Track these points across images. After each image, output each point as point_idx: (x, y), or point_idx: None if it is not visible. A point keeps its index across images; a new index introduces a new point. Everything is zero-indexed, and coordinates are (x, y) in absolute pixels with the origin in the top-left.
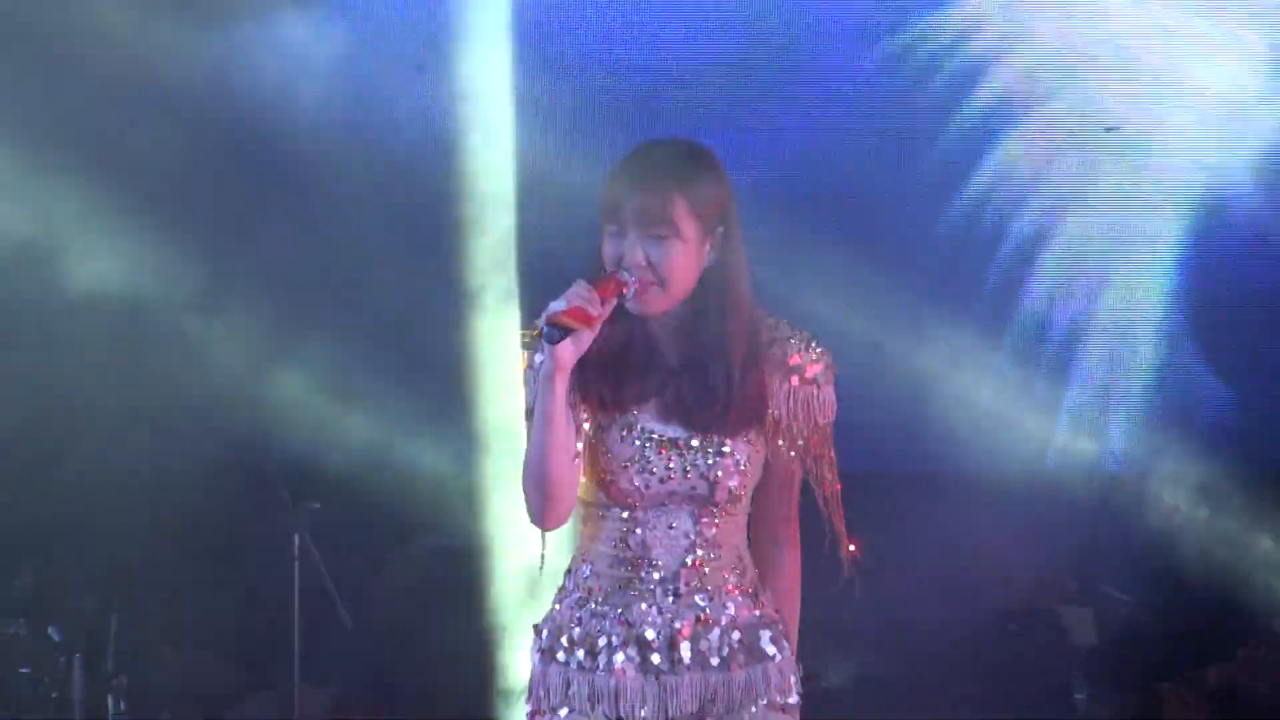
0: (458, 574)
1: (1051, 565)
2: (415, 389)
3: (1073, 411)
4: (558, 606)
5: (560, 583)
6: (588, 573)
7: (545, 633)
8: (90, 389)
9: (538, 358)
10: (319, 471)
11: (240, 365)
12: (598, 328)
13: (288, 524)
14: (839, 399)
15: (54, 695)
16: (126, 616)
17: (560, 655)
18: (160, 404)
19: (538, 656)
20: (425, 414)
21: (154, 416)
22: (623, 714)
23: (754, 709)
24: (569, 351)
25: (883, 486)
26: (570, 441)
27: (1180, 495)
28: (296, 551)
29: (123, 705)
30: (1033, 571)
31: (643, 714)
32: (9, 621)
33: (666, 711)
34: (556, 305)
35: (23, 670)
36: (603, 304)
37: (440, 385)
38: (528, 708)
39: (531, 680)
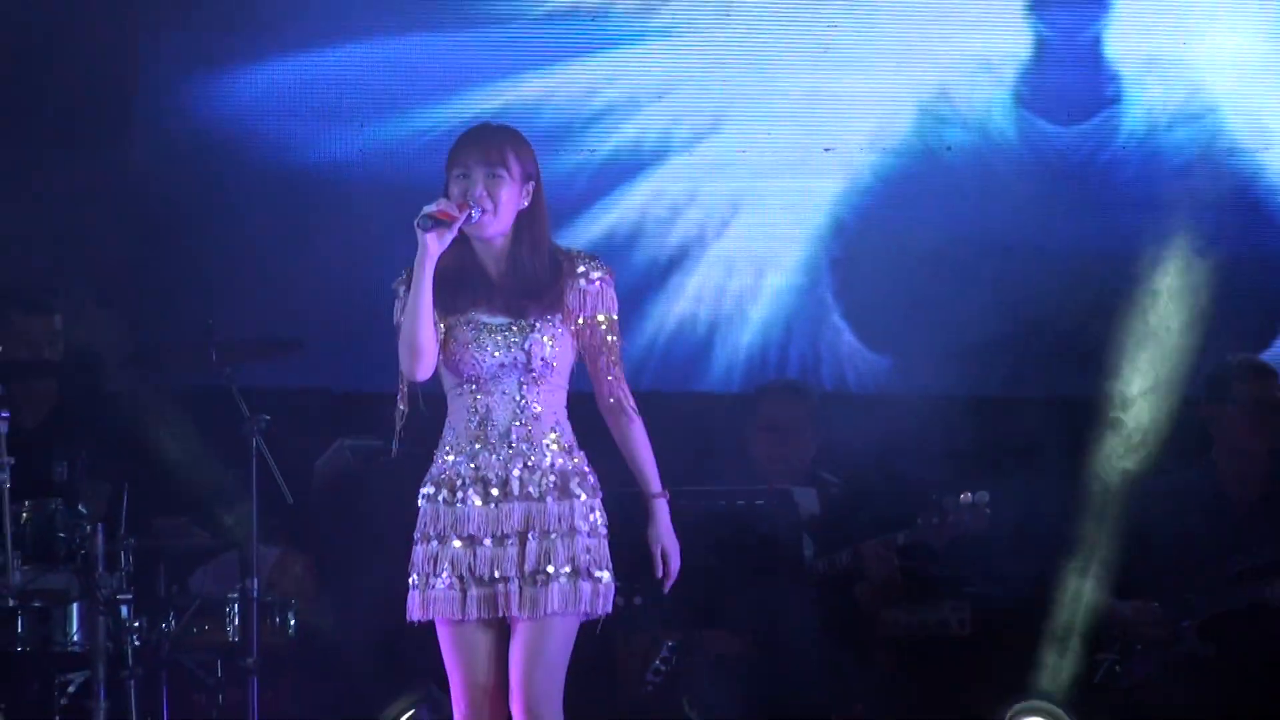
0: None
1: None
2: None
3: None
4: (435, 462)
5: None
6: (450, 436)
7: (426, 482)
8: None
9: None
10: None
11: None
12: (455, 229)
13: (247, 429)
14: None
15: (82, 552)
16: (133, 494)
17: (432, 495)
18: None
19: (422, 499)
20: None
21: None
22: (471, 533)
23: (564, 534)
24: (435, 241)
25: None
26: (431, 315)
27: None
28: (254, 449)
29: (130, 559)
30: (773, 463)
31: (481, 533)
32: (50, 500)
33: (501, 531)
34: (428, 207)
35: (60, 535)
36: (455, 218)
37: None
38: (415, 537)
39: (418, 517)
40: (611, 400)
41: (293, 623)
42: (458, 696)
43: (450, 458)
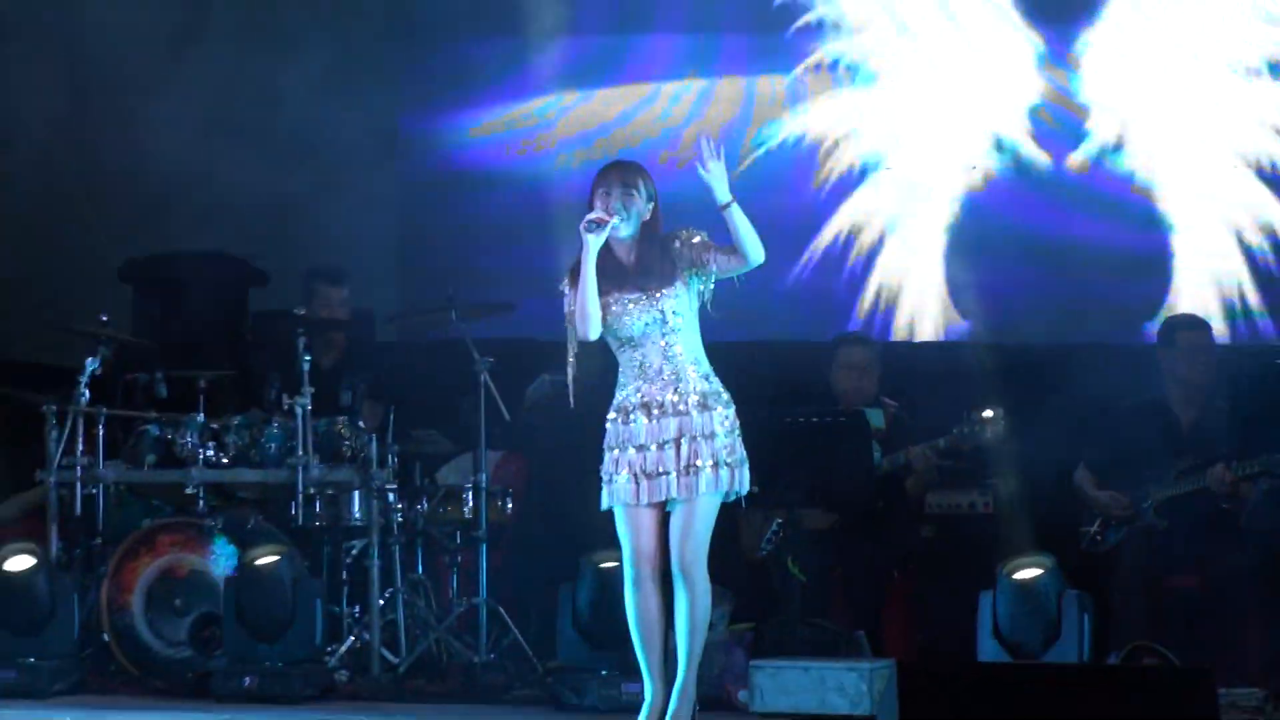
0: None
1: (861, 389)
2: None
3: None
4: (615, 396)
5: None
6: (622, 378)
7: (610, 410)
8: None
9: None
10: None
11: None
12: (608, 231)
13: (477, 369)
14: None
15: (361, 455)
16: (399, 414)
17: (614, 419)
18: None
19: (608, 422)
20: None
21: None
22: (641, 442)
23: (707, 437)
24: (594, 241)
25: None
26: (596, 291)
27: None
28: (482, 383)
29: (395, 459)
30: (849, 395)
31: (648, 441)
32: (338, 418)
33: (660, 438)
34: (590, 216)
35: (345, 442)
36: (607, 220)
37: None
38: (604, 447)
39: (605, 435)
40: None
41: (510, 506)
42: (628, 562)
43: (623, 393)
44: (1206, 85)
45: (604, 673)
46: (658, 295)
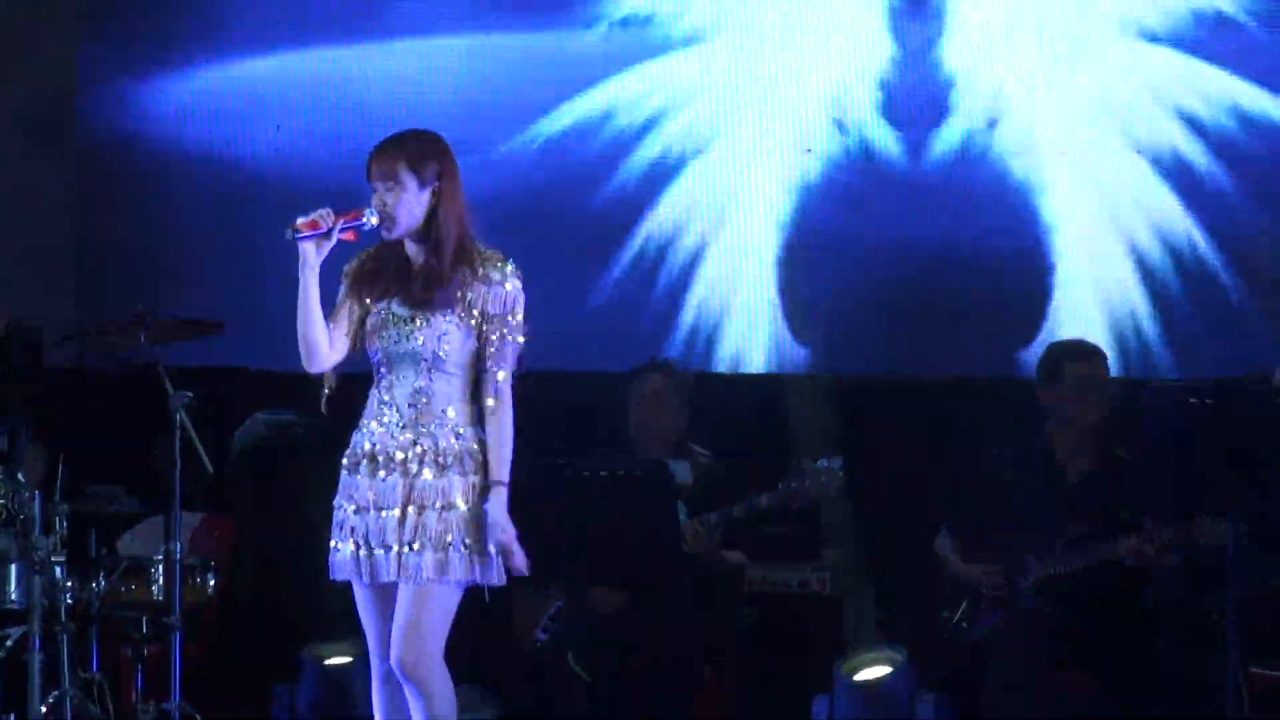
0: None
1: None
2: None
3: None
4: (351, 438)
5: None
6: (363, 415)
7: (345, 456)
8: None
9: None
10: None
11: None
12: (334, 237)
13: (173, 405)
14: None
15: (20, 516)
16: (68, 463)
17: (345, 466)
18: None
19: (342, 469)
20: None
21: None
22: (363, 503)
23: (441, 504)
24: (311, 250)
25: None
26: (319, 312)
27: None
28: (178, 423)
29: (65, 523)
30: (646, 433)
31: (368, 503)
32: None
33: (383, 501)
34: (300, 218)
35: (0, 501)
36: (344, 225)
37: None
38: (335, 500)
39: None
40: (489, 391)
41: (212, 584)
42: (372, 653)
43: (358, 434)
44: (1096, 51)
45: None
46: (429, 317)
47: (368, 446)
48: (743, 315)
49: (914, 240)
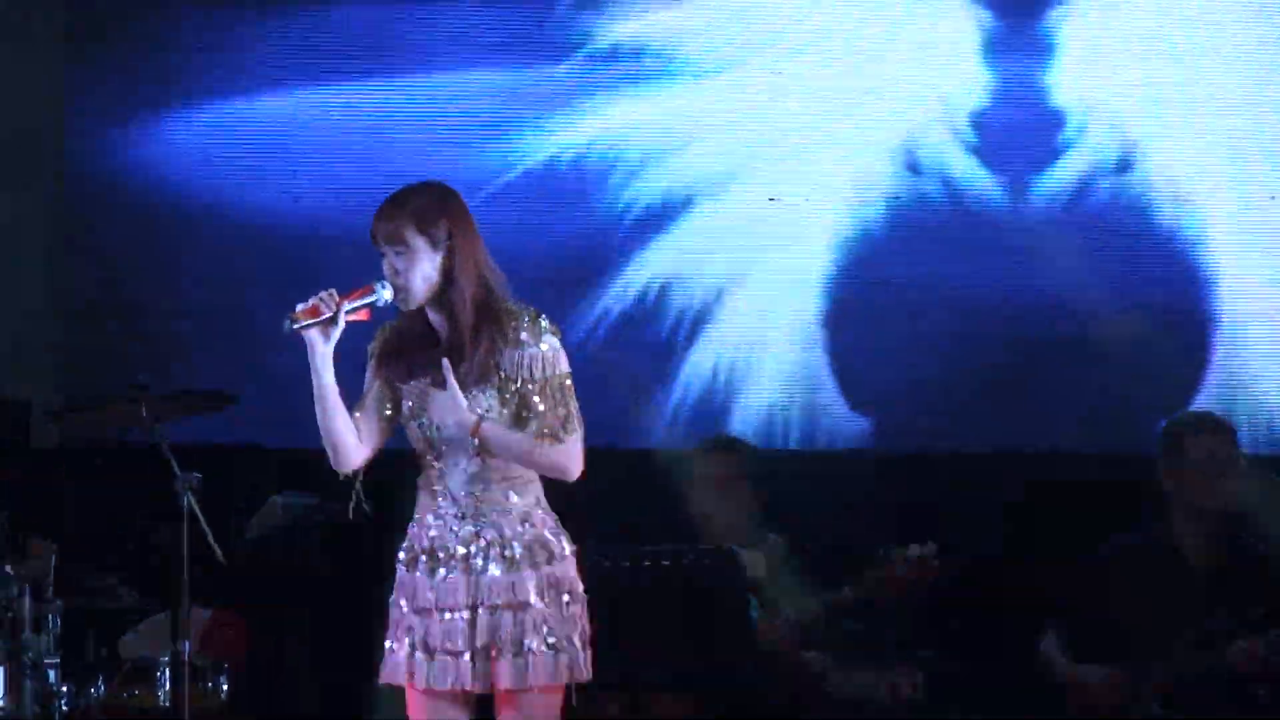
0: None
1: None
2: None
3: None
4: (409, 530)
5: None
6: (418, 505)
7: (401, 550)
8: None
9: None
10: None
11: None
12: (341, 321)
13: (179, 487)
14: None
15: (9, 614)
16: (62, 554)
17: (400, 560)
18: None
19: (398, 564)
20: None
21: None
22: (424, 604)
23: (513, 603)
24: (318, 338)
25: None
26: (339, 405)
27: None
28: (185, 508)
29: (58, 621)
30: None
31: (428, 603)
32: None
33: (445, 601)
34: (300, 305)
35: None
36: (351, 306)
37: None
38: (392, 599)
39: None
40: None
41: (225, 687)
42: None
43: (415, 526)
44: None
45: None
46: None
47: (426, 542)
48: (800, 389)
49: (1009, 294)
